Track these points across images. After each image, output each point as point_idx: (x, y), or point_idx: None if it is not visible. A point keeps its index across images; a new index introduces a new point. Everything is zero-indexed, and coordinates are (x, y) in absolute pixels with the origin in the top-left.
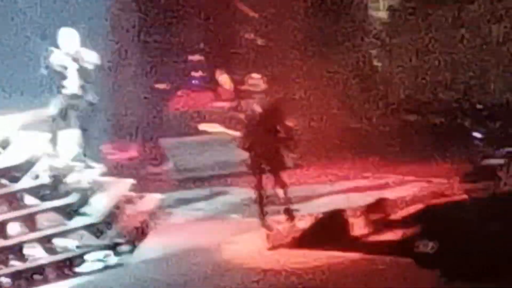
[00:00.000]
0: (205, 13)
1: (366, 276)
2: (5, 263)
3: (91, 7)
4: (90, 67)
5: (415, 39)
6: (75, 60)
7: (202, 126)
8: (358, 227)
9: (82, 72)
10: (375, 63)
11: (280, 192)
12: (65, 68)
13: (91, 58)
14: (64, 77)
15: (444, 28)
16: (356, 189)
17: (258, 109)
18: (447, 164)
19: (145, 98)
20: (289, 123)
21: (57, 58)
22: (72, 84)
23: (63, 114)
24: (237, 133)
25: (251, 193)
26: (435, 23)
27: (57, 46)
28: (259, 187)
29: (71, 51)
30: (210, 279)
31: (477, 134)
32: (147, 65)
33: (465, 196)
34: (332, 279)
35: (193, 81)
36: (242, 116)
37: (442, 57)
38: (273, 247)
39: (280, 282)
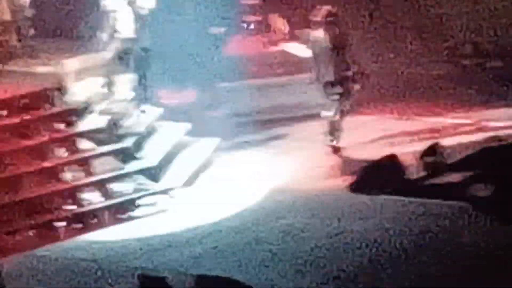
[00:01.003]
0: None
1: (421, 220)
2: (61, 207)
3: None
4: (145, 11)
5: None
6: (130, 3)
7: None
8: (414, 171)
9: (137, 16)
10: (431, 8)
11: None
12: (119, 11)
13: (146, 2)
14: (117, 21)
15: None
16: (412, 133)
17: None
18: (503, 108)
19: (201, 42)
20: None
21: (111, 1)
22: (126, 28)
23: (119, 59)
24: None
25: (308, 136)
26: None
27: None
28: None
29: None
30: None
31: None
32: (202, 9)
33: None
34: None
35: (248, 25)
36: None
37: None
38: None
39: None
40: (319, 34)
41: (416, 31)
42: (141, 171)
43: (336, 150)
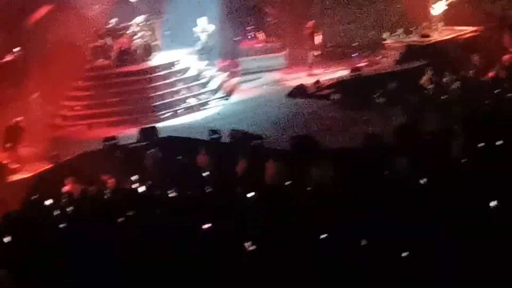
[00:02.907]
0: None
1: (311, 106)
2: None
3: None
4: (210, 31)
5: None
6: (204, 30)
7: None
8: (311, 89)
9: (207, 33)
10: None
11: None
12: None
13: (211, 28)
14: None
15: None
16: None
17: None
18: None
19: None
20: None
21: (198, 27)
22: (203, 38)
23: (202, 50)
24: None
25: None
26: None
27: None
28: None
29: (203, 25)
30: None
31: None
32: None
33: None
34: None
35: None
36: None
37: None
38: None
39: None
40: None
41: None
42: (211, 91)
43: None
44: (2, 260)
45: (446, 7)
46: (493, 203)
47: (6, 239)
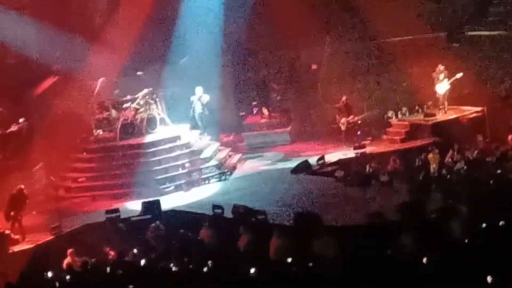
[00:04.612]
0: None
1: (318, 183)
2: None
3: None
4: (206, 101)
5: None
6: (199, 99)
7: None
8: (315, 165)
9: (203, 104)
10: None
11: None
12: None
13: (206, 98)
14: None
15: None
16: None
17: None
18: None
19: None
20: None
21: (194, 97)
22: (198, 108)
23: (196, 121)
24: None
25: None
26: None
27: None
28: None
29: (199, 95)
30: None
31: None
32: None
33: None
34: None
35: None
36: None
37: None
38: None
39: None
40: None
41: None
42: (215, 166)
43: None
44: None
45: (449, 86)
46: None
47: None
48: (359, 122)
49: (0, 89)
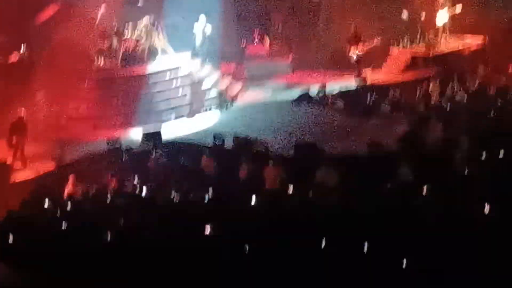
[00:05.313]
0: None
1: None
2: None
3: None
4: (208, 31)
5: None
6: (203, 28)
7: None
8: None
9: (205, 33)
10: None
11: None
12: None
13: (209, 28)
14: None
15: None
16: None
17: None
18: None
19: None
20: None
21: (197, 25)
22: (200, 38)
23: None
24: None
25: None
26: None
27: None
28: None
29: (202, 24)
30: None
31: None
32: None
33: None
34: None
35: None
36: None
37: None
38: None
39: None
40: None
41: None
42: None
43: None
44: (3, 260)
45: (449, 15)
46: (494, 213)
47: (8, 239)
48: (366, 51)
49: (0, 18)
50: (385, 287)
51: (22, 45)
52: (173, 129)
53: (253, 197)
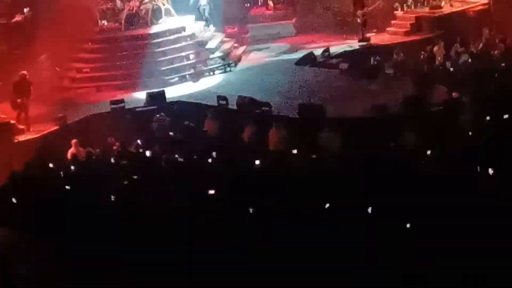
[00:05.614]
0: None
1: (318, 76)
2: None
3: None
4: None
5: None
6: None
7: None
8: (320, 57)
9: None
10: None
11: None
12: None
13: None
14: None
15: None
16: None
17: None
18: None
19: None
20: None
21: None
22: (204, 4)
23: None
24: None
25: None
26: None
27: None
28: None
29: None
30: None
31: None
32: None
33: None
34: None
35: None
36: None
37: None
38: None
39: None
40: None
41: None
42: (219, 57)
43: None
44: (5, 220)
45: None
46: (496, 175)
47: (11, 199)
48: (372, 13)
49: None
50: (388, 248)
51: (25, 6)
52: (177, 90)
53: (257, 158)
